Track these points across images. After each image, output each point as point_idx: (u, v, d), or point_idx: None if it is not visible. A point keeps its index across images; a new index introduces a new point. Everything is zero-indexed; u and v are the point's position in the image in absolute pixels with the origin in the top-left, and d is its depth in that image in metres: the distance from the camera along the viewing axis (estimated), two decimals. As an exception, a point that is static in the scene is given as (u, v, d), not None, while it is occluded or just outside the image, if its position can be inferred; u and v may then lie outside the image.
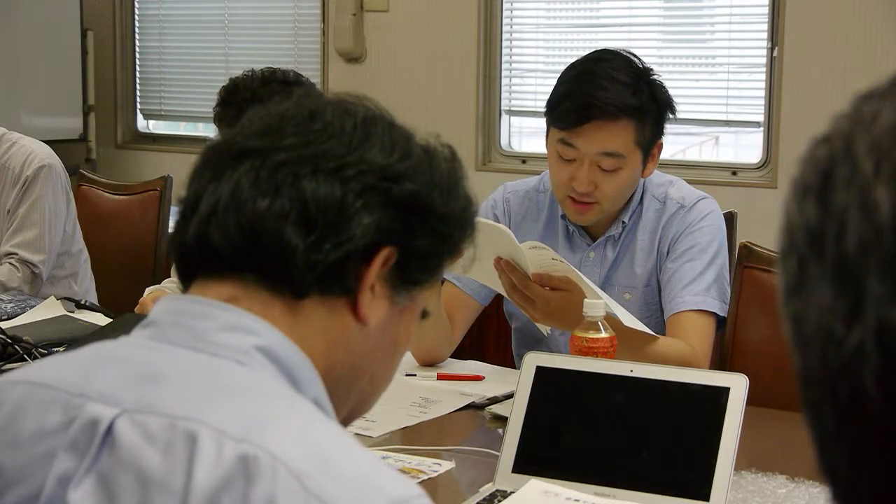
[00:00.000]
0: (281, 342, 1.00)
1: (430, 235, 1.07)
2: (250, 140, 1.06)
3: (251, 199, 1.02)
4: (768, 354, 2.40)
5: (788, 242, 0.58)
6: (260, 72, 2.71)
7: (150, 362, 0.98)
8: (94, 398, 0.95)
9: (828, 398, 0.55)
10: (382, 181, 1.04)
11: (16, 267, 3.13)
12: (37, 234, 3.17)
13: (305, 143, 1.04)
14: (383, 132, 1.08)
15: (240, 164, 1.04)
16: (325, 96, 1.12)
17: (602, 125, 2.29)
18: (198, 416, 0.91)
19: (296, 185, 1.02)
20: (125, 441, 0.91)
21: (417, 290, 1.10)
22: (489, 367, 2.45)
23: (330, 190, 1.02)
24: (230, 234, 1.02)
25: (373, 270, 1.03)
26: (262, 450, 0.88)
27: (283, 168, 1.03)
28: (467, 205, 1.13)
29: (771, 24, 4.30)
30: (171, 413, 0.92)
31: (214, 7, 5.49)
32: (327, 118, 1.06)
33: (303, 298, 1.02)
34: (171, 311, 1.03)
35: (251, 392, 0.96)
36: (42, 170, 3.18)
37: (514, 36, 4.83)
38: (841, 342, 0.53)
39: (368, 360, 1.09)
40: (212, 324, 1.00)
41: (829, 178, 0.56)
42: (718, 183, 4.24)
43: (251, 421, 0.91)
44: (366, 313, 1.04)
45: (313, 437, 0.92)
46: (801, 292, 0.56)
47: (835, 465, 0.57)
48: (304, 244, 1.01)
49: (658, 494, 1.67)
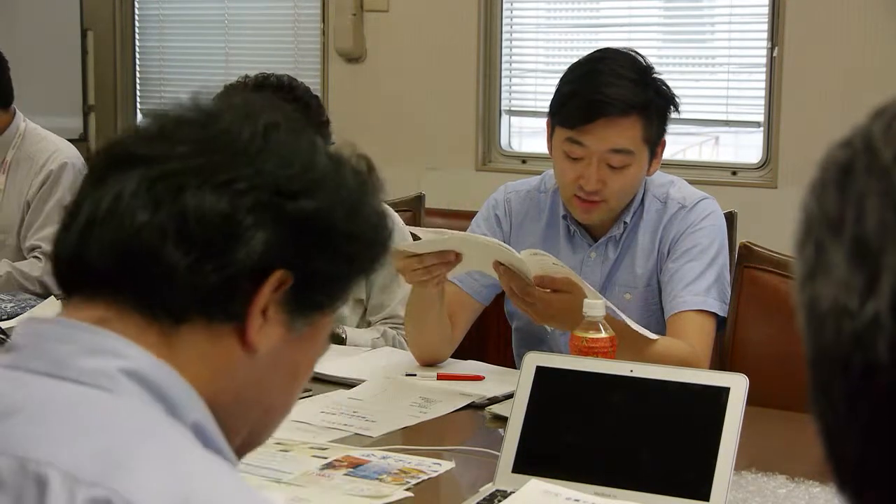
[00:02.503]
0: (151, 364, 0.91)
1: (331, 257, 0.98)
2: (140, 145, 0.97)
3: (130, 211, 0.92)
4: (768, 354, 2.41)
5: (806, 231, 0.59)
6: (253, 77, 2.71)
7: (3, 395, 0.90)
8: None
9: (839, 375, 0.56)
10: (276, 196, 0.94)
11: (39, 258, 3.19)
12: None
13: (196, 151, 0.95)
14: (285, 142, 0.98)
15: (124, 172, 0.94)
16: (233, 99, 1.03)
17: (611, 122, 2.29)
18: (49, 458, 0.84)
19: (179, 199, 0.92)
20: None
21: (319, 316, 1.00)
22: (489, 367, 2.45)
23: (216, 205, 0.92)
24: (105, 250, 0.93)
25: (262, 295, 0.94)
26: (116, 494, 0.81)
27: (169, 179, 0.93)
28: (377, 222, 1.03)
29: (771, 24, 4.29)
30: (23, 454, 0.84)
31: (214, 7, 5.49)
32: (224, 124, 0.98)
33: (181, 323, 0.93)
34: (31, 335, 0.94)
35: (112, 425, 0.87)
36: (66, 166, 3.26)
37: (514, 36, 4.83)
38: (856, 315, 0.54)
39: (257, 390, 0.99)
40: (73, 347, 0.91)
41: (849, 171, 0.57)
42: (718, 183, 4.23)
43: (108, 460, 0.84)
44: (254, 340, 0.95)
45: (176, 474, 0.84)
46: (817, 275, 0.57)
47: (843, 448, 0.57)
48: (184, 264, 0.92)
49: (658, 494, 1.67)
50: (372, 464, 1.86)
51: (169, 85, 5.68)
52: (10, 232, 3.27)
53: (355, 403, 2.20)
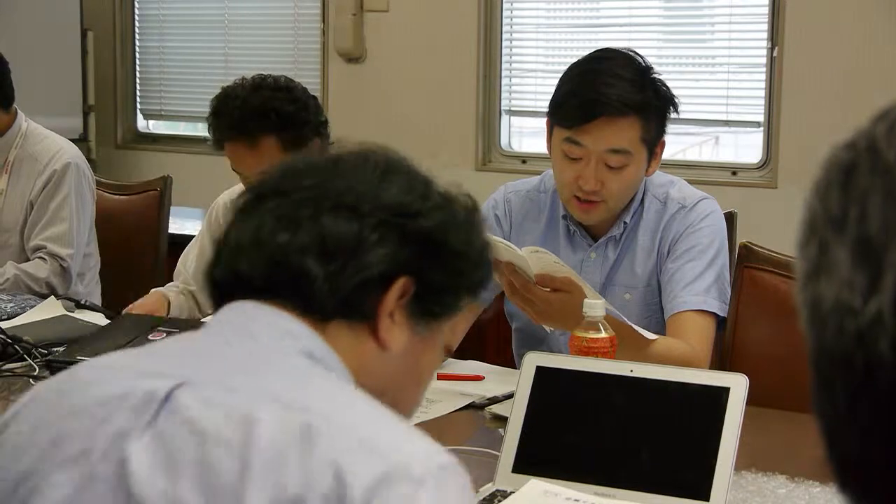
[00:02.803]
0: (325, 350, 1.08)
1: (444, 270, 1.14)
2: (274, 181, 1.15)
3: (273, 233, 1.10)
4: (768, 354, 2.40)
5: (809, 231, 0.59)
6: (251, 79, 2.70)
7: (203, 348, 1.08)
8: (152, 374, 1.03)
9: (841, 373, 0.56)
10: (398, 217, 1.12)
11: (44, 259, 3.19)
12: (65, 229, 3.23)
13: (325, 182, 1.12)
14: (403, 174, 1.15)
15: (264, 203, 1.12)
16: (351, 148, 1.19)
17: (609, 122, 2.29)
18: (255, 391, 0.99)
19: (315, 221, 1.10)
20: (184, 405, 0.99)
21: (436, 323, 1.17)
22: (489, 367, 2.45)
23: (347, 225, 1.10)
24: (256, 264, 1.10)
25: (390, 297, 1.10)
26: (319, 415, 0.96)
27: (304, 205, 1.11)
28: (483, 249, 1.20)
29: (771, 24, 4.30)
30: (231, 385, 1.00)
31: (214, 7, 5.49)
32: (348, 162, 1.15)
33: (329, 321, 1.09)
34: (232, 312, 1.10)
35: (302, 373, 1.05)
36: (70, 166, 3.26)
37: (514, 36, 4.83)
38: (858, 313, 0.54)
39: (390, 383, 1.14)
40: (266, 324, 1.08)
41: (853, 171, 0.57)
42: (718, 183, 4.24)
43: (305, 392, 1.00)
44: (386, 338, 1.11)
45: (364, 409, 1.01)
46: (820, 274, 0.57)
47: (845, 447, 0.57)
48: (323, 273, 1.08)
49: (658, 494, 1.67)
50: (372, 464, 1.85)
51: (169, 85, 5.69)
52: (13, 231, 3.27)
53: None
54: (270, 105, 2.63)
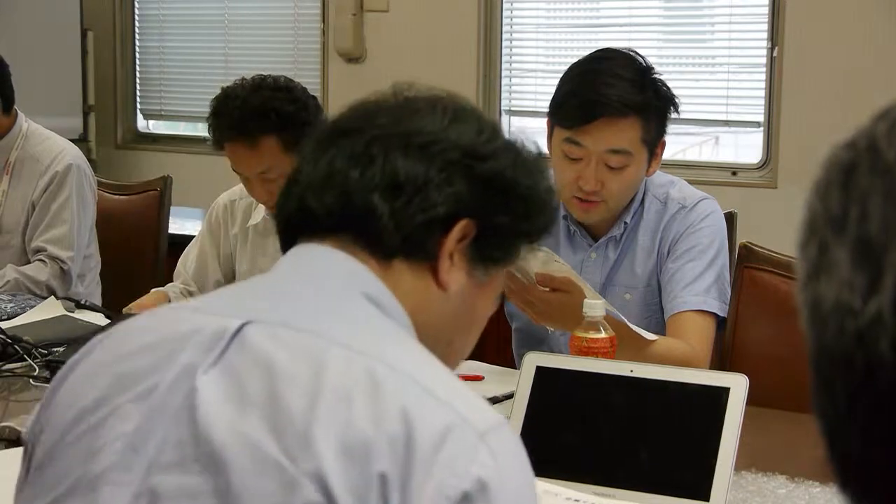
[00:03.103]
0: (387, 295, 1.09)
1: (509, 213, 1.15)
2: (346, 121, 1.16)
3: (344, 170, 1.11)
4: (768, 354, 2.40)
5: (809, 231, 0.59)
6: (251, 79, 2.70)
7: (272, 289, 1.10)
8: (221, 313, 1.05)
9: (841, 373, 0.56)
10: (466, 158, 1.12)
11: (44, 262, 3.19)
12: (66, 231, 3.22)
13: (397, 121, 1.13)
14: (472, 118, 1.16)
15: (336, 142, 1.14)
16: (421, 91, 1.20)
17: (609, 122, 2.29)
18: (323, 332, 1.01)
19: (385, 158, 1.11)
20: (253, 341, 1.00)
21: (494, 268, 1.17)
22: (489, 367, 2.45)
23: (416, 163, 1.10)
24: (326, 200, 1.11)
25: (452, 238, 1.11)
26: (386, 363, 0.98)
27: (375, 143, 1.12)
28: (549, 193, 1.19)
29: (771, 24, 4.30)
30: (298, 326, 1.02)
31: (214, 7, 5.49)
32: (418, 105, 1.16)
33: (391, 259, 1.10)
34: (294, 254, 1.13)
35: (367, 320, 1.06)
36: (72, 168, 3.26)
37: (514, 36, 4.83)
38: (858, 314, 0.54)
39: (447, 325, 1.16)
40: (326, 267, 1.09)
41: (853, 171, 0.57)
42: (718, 183, 4.24)
43: (373, 341, 1.01)
44: (445, 279, 1.12)
45: (427, 361, 1.03)
46: (820, 275, 0.57)
47: (845, 447, 0.57)
48: (389, 210, 1.09)
49: (658, 494, 1.67)
50: (372, 464, 1.85)
51: (169, 85, 5.69)
52: (15, 232, 3.27)
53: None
54: (270, 105, 2.63)
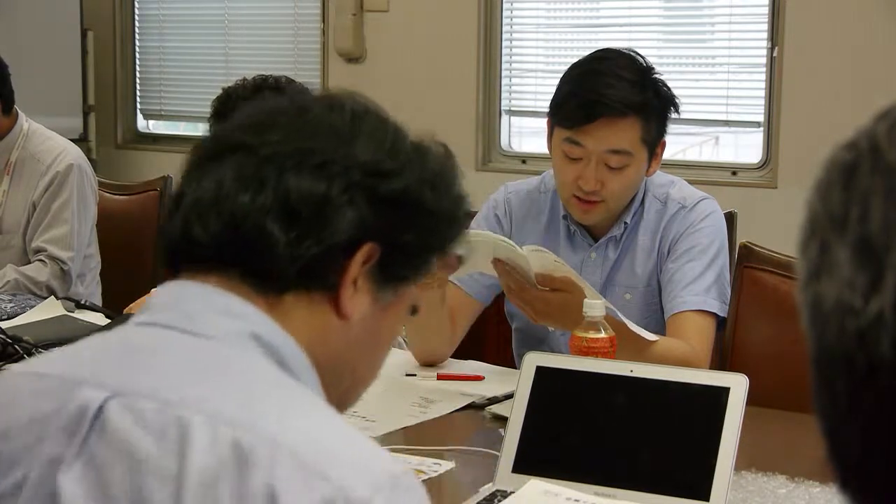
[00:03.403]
0: (275, 331, 1.00)
1: (416, 232, 1.06)
2: (237, 134, 1.05)
3: (233, 193, 1.01)
4: (768, 354, 2.40)
5: (810, 230, 0.59)
6: (252, 79, 2.70)
7: (140, 345, 1.00)
8: (85, 383, 0.95)
9: (842, 373, 0.56)
10: (368, 177, 1.03)
11: (44, 262, 3.19)
12: (66, 231, 3.22)
13: (292, 138, 1.03)
14: (373, 128, 1.07)
15: (225, 159, 1.03)
16: (316, 92, 1.13)
17: (609, 122, 2.29)
18: (189, 401, 0.92)
19: (279, 180, 1.01)
20: (115, 425, 0.92)
21: (403, 287, 1.09)
22: (489, 367, 2.45)
23: (313, 185, 1.01)
24: (212, 228, 1.01)
25: (354, 266, 1.02)
26: (257, 434, 0.89)
27: (268, 163, 1.02)
28: (458, 203, 1.11)
29: (771, 24, 4.30)
30: (162, 397, 0.92)
31: (214, 7, 5.49)
32: (316, 113, 1.06)
33: (285, 293, 1.01)
34: (170, 294, 1.03)
35: (243, 375, 0.97)
36: (73, 168, 3.26)
37: (514, 36, 4.83)
38: (860, 313, 0.55)
39: (350, 355, 1.08)
40: (206, 307, 1.00)
41: (854, 170, 0.57)
42: (718, 183, 4.23)
43: (245, 404, 0.92)
44: (347, 308, 1.03)
45: (309, 418, 0.94)
46: (821, 274, 0.57)
47: (845, 447, 0.57)
48: (285, 239, 1.00)
49: (658, 494, 1.66)
50: (372, 464, 1.85)
51: (169, 85, 5.69)
52: (16, 233, 3.27)
53: (356, 403, 2.19)
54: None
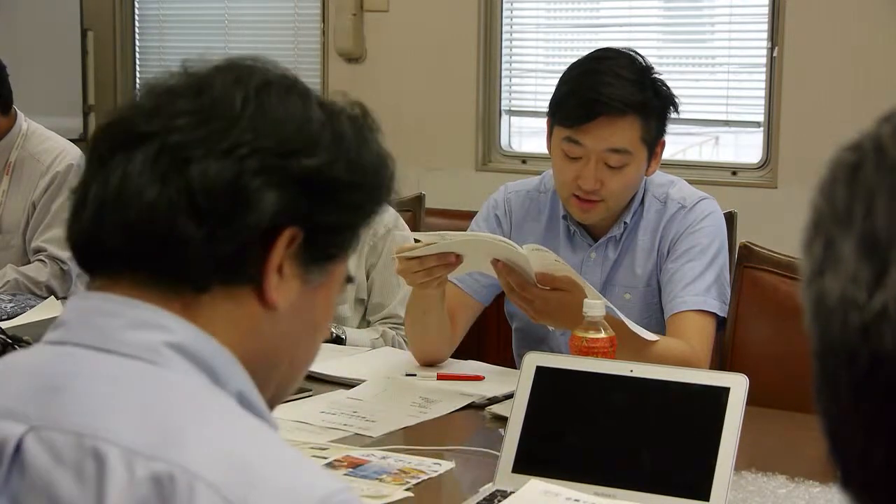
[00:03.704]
0: (195, 337, 0.94)
1: (338, 208, 1.00)
2: (138, 123, 0.98)
3: (138, 189, 0.94)
4: (768, 354, 2.41)
5: (814, 229, 0.59)
6: None
7: (55, 371, 0.93)
8: (2, 416, 0.90)
9: (845, 368, 0.56)
10: (279, 157, 0.96)
11: (44, 262, 3.19)
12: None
13: (195, 122, 0.96)
14: (279, 100, 1.00)
15: (128, 151, 0.96)
16: (216, 62, 1.04)
17: (609, 121, 2.30)
18: (105, 433, 0.87)
19: (186, 171, 0.94)
20: (34, 462, 0.88)
21: (331, 265, 1.03)
22: (489, 367, 2.45)
23: (222, 173, 0.94)
24: (118, 231, 0.95)
25: (276, 253, 0.96)
26: (176, 466, 0.84)
27: (172, 152, 0.95)
28: (379, 167, 1.04)
29: (771, 24, 4.30)
30: (78, 430, 0.88)
31: (214, 7, 5.49)
32: (216, 92, 0.99)
33: (203, 292, 0.95)
34: (77, 310, 0.97)
35: (162, 397, 0.91)
36: (73, 168, 3.26)
37: (514, 36, 4.83)
38: (863, 307, 0.55)
39: (284, 344, 1.02)
40: (118, 321, 0.94)
41: (859, 169, 0.58)
42: (718, 183, 4.23)
43: (162, 433, 0.87)
44: (273, 298, 0.97)
45: (231, 443, 0.88)
46: (826, 271, 0.57)
47: (847, 444, 0.57)
48: (199, 236, 0.93)
49: (658, 494, 1.67)
50: (372, 464, 1.86)
51: (169, 85, 5.68)
52: (15, 233, 3.27)
53: (355, 403, 2.20)
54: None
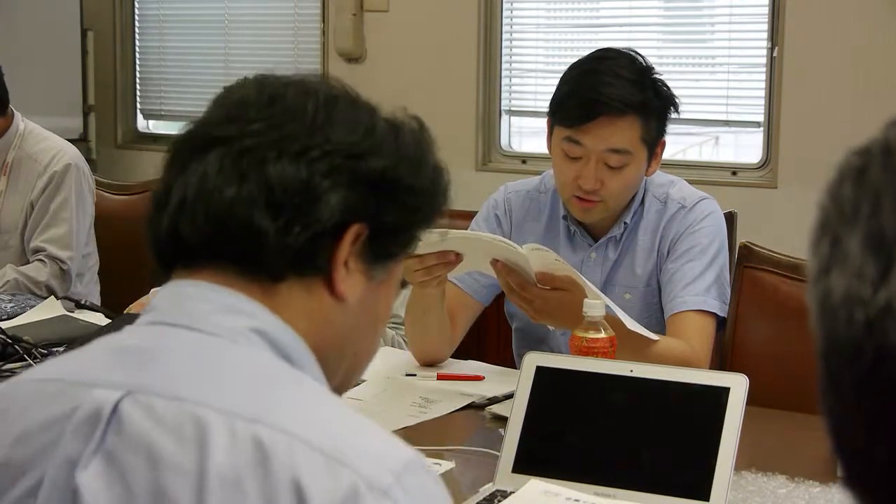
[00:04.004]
0: (276, 324, 1.01)
1: (399, 209, 1.08)
2: (214, 129, 1.06)
3: (218, 187, 1.02)
4: (768, 354, 2.41)
5: (821, 230, 0.60)
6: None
7: (150, 346, 1.00)
8: (97, 384, 0.96)
9: (850, 364, 0.57)
10: (348, 160, 1.04)
11: (44, 262, 3.19)
12: (65, 231, 3.23)
13: (268, 127, 1.04)
14: (346, 110, 1.08)
15: (206, 154, 1.04)
16: (285, 77, 1.12)
17: (609, 121, 2.30)
18: (204, 399, 0.93)
19: (262, 171, 1.02)
20: (132, 422, 0.92)
21: (392, 263, 1.11)
22: (489, 367, 2.45)
23: (296, 172, 1.02)
24: (200, 225, 1.02)
25: (343, 247, 1.04)
26: (275, 429, 0.90)
27: (249, 154, 1.03)
28: (436, 176, 1.13)
29: (771, 24, 4.29)
30: (177, 395, 0.93)
31: (214, 7, 5.49)
32: (288, 101, 1.07)
33: (280, 281, 1.03)
34: (170, 295, 1.04)
35: (253, 371, 0.98)
36: (70, 167, 3.26)
37: (514, 36, 4.83)
38: (868, 303, 0.55)
39: (351, 336, 1.09)
40: (208, 306, 1.01)
41: (866, 169, 0.58)
42: (718, 183, 4.23)
43: (258, 400, 0.93)
44: (342, 290, 1.04)
45: (321, 411, 0.95)
46: (832, 268, 0.58)
47: (851, 442, 0.57)
48: (274, 228, 1.01)
49: (658, 494, 1.67)
50: (372, 464, 1.85)
51: (169, 85, 5.68)
52: (14, 233, 3.27)
53: (355, 403, 2.20)
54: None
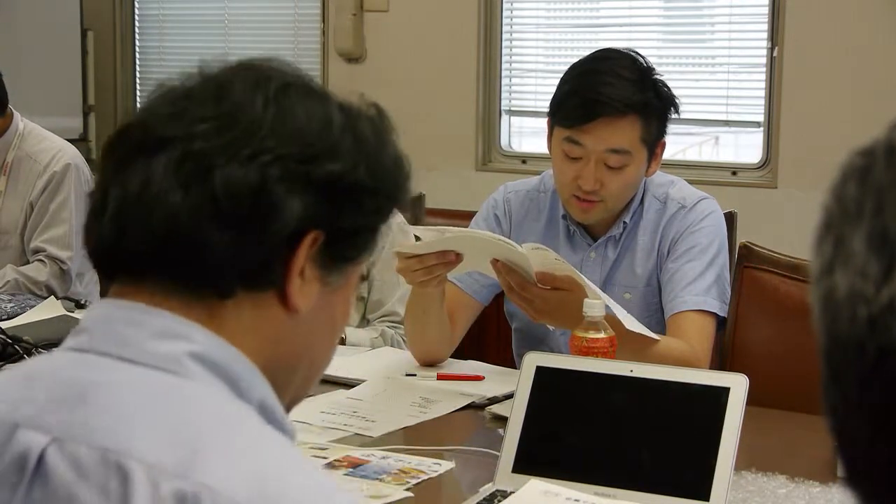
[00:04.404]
0: (217, 346, 0.94)
1: (358, 212, 1.00)
2: (158, 127, 0.96)
3: (162, 194, 0.93)
4: (768, 354, 2.41)
5: (825, 229, 0.60)
6: None
7: (78, 381, 0.91)
8: (25, 424, 0.89)
9: (852, 362, 0.57)
10: (303, 163, 0.96)
11: (43, 262, 3.19)
12: (65, 231, 3.23)
13: (216, 128, 0.95)
14: (299, 104, 0.99)
15: (148, 156, 0.95)
16: (232, 64, 1.04)
17: (609, 122, 2.30)
18: (130, 449, 0.86)
19: (209, 178, 0.93)
20: (57, 475, 0.86)
21: (350, 267, 1.03)
22: (489, 367, 2.45)
23: (246, 179, 0.93)
24: (140, 236, 0.94)
25: (299, 257, 0.96)
26: (201, 485, 0.83)
27: (195, 159, 0.94)
28: (397, 169, 1.06)
29: (771, 24, 4.30)
30: (102, 444, 0.86)
31: (214, 7, 5.49)
32: (236, 97, 0.98)
33: (227, 298, 0.95)
34: (101, 318, 0.97)
35: (186, 413, 0.90)
36: (70, 167, 3.26)
37: (514, 36, 4.83)
38: (871, 301, 0.55)
39: (305, 346, 1.02)
40: (143, 331, 0.93)
41: (870, 169, 0.58)
42: (718, 183, 4.24)
43: (187, 450, 0.86)
44: (296, 302, 0.97)
45: (254, 462, 0.87)
46: (835, 267, 0.58)
47: (853, 440, 0.58)
48: (223, 241, 0.93)
49: (658, 494, 1.67)
50: (372, 464, 1.86)
51: (169, 85, 5.68)
52: (13, 233, 3.27)
53: (355, 403, 2.20)
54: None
